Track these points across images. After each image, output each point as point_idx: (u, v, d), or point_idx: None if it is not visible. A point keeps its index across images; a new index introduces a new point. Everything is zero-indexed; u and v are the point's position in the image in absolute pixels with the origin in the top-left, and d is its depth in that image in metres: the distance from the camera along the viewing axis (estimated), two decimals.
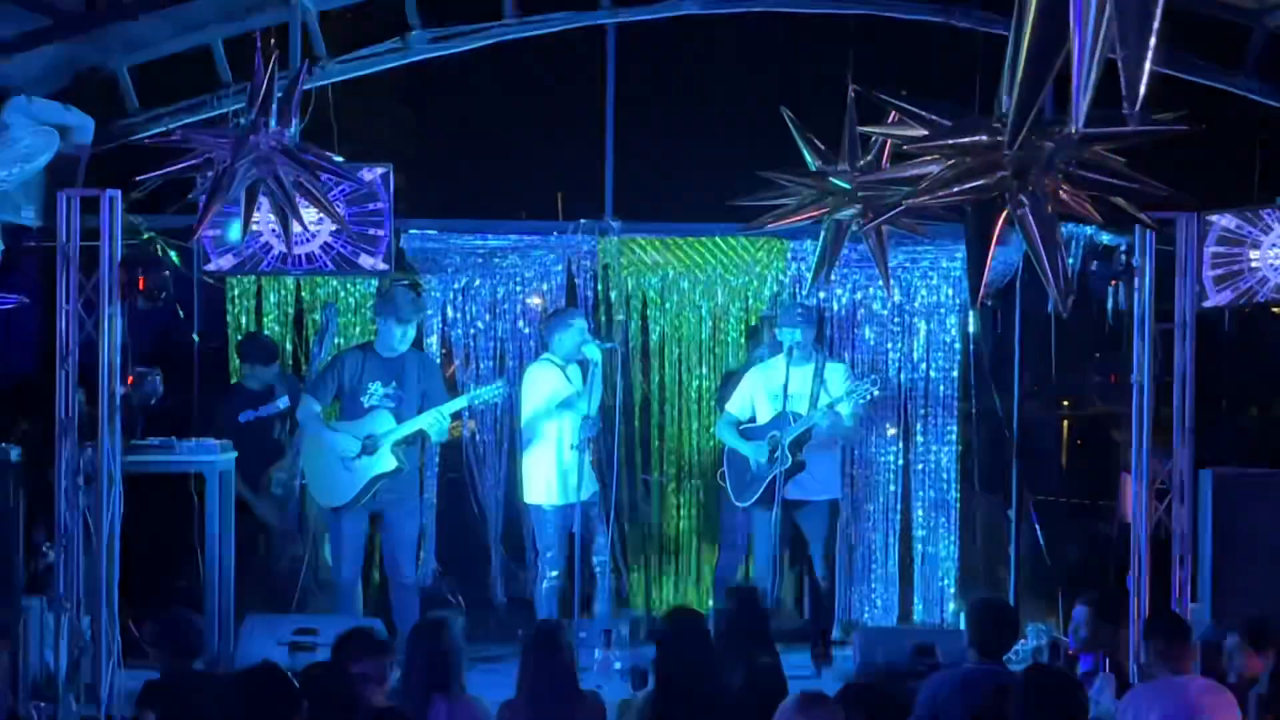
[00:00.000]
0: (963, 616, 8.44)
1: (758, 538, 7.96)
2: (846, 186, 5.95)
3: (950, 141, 4.52)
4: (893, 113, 5.12)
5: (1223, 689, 5.26)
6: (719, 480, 8.12)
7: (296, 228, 5.81)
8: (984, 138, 4.40)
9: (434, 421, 7.57)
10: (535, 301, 8.82)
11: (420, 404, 7.60)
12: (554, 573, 7.72)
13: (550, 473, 7.72)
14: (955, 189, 4.50)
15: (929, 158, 4.68)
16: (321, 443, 7.58)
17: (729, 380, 8.42)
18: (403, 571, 7.65)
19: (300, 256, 7.25)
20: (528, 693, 5.06)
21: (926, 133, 4.62)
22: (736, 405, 7.95)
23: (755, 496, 7.71)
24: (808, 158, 6.14)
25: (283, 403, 8.23)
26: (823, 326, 8.45)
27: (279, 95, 5.57)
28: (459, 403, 7.83)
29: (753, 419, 7.86)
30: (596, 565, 7.82)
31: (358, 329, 8.80)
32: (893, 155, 5.63)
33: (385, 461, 7.50)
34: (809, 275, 8.58)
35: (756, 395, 7.87)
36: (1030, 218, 4.40)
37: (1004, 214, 4.43)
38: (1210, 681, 5.31)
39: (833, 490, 7.87)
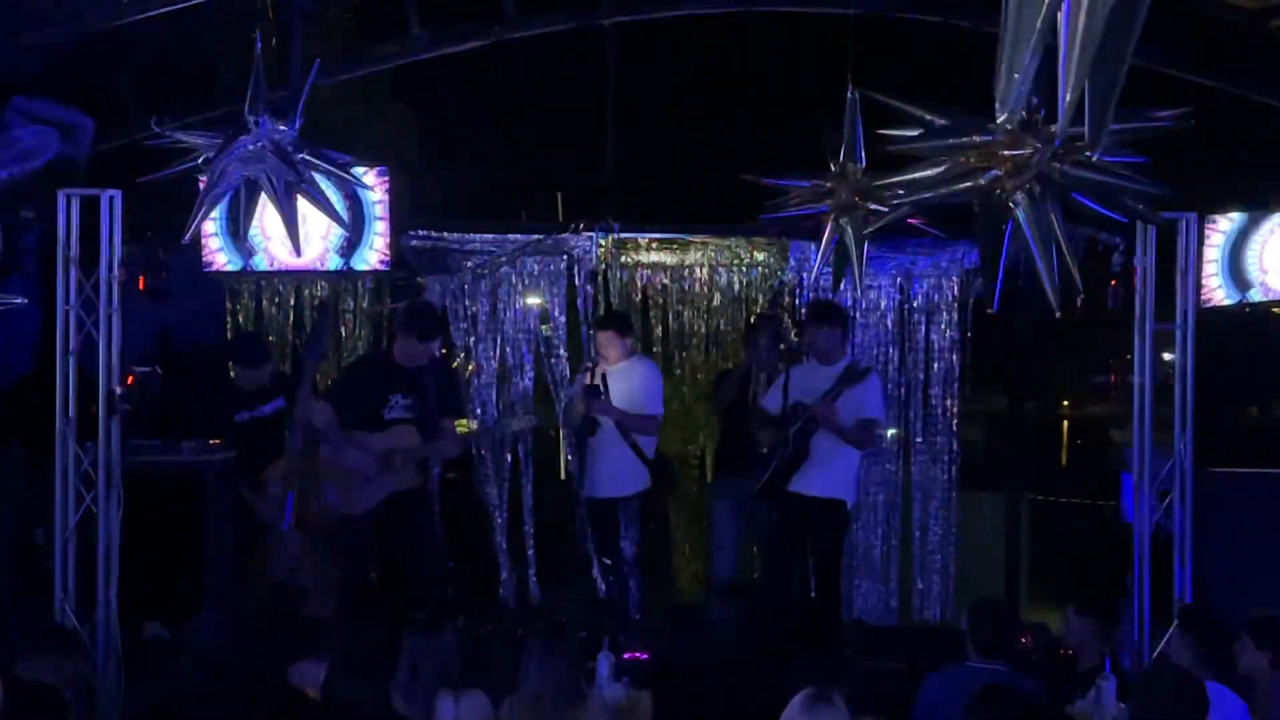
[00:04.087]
0: (963, 616, 8.45)
1: (758, 532, 7.95)
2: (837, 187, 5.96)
3: (946, 142, 4.51)
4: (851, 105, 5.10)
5: (1228, 690, 5.25)
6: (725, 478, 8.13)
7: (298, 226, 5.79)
8: (980, 137, 4.39)
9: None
10: (535, 302, 8.83)
11: (440, 417, 7.55)
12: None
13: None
14: (950, 189, 4.49)
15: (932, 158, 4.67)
16: (341, 454, 7.51)
17: (724, 379, 8.40)
18: (430, 566, 7.61)
19: (300, 256, 7.25)
20: (530, 691, 5.06)
21: (922, 131, 4.62)
22: (771, 401, 7.79)
23: (759, 485, 7.68)
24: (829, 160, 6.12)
25: (279, 403, 8.21)
26: (847, 327, 8.35)
27: (281, 94, 5.56)
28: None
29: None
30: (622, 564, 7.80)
31: (361, 330, 8.81)
32: (883, 156, 5.63)
33: (407, 477, 7.47)
34: (809, 276, 8.63)
35: (793, 393, 7.75)
36: (1026, 217, 4.39)
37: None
38: (1217, 685, 5.30)
39: (840, 492, 7.66)
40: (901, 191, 4.74)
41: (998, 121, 4.14)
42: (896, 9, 8.01)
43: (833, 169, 6.00)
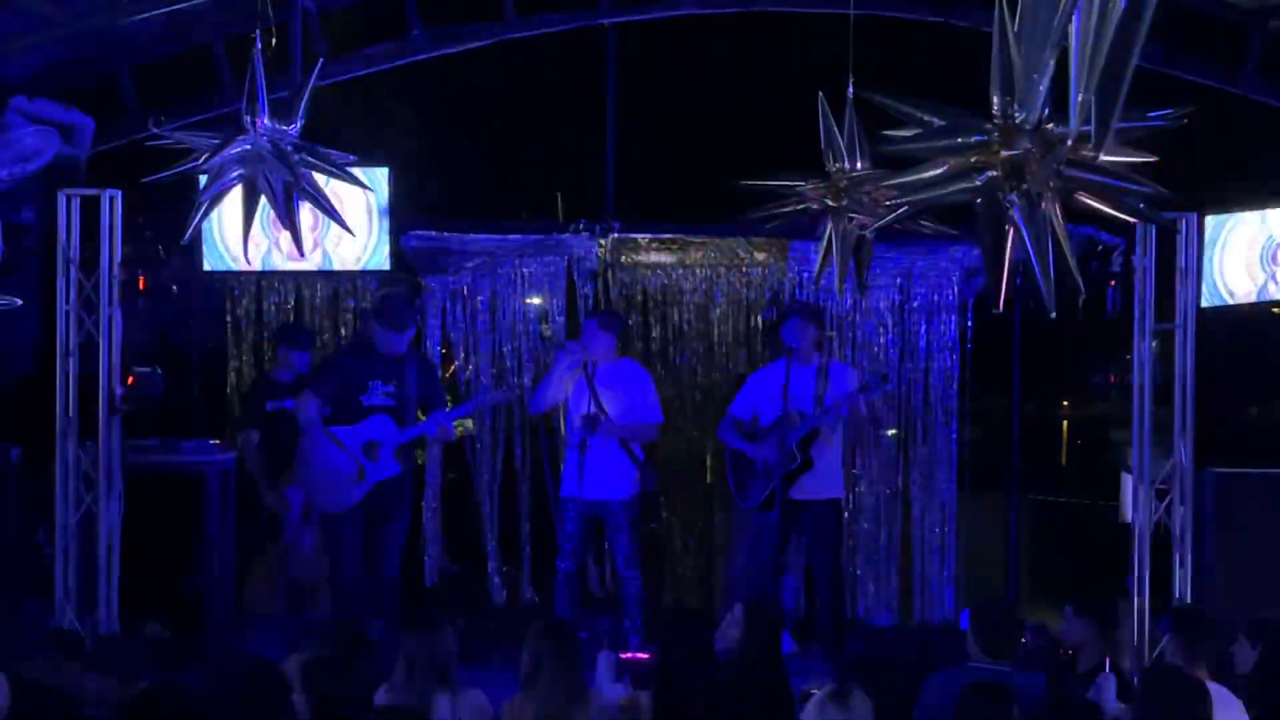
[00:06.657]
0: (964, 616, 8.44)
1: (763, 540, 7.96)
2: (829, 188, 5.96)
3: (943, 142, 4.50)
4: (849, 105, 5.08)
5: (1228, 691, 5.25)
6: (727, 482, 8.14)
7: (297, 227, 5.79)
8: (976, 138, 4.38)
9: (439, 429, 7.59)
10: (535, 302, 8.83)
11: (419, 406, 7.56)
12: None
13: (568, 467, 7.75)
14: (946, 190, 4.48)
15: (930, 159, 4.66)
16: (324, 451, 7.51)
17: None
18: (388, 567, 7.59)
19: (299, 256, 7.25)
20: (532, 690, 5.05)
21: (920, 132, 4.60)
22: (740, 407, 7.93)
23: (761, 498, 7.71)
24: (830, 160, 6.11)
25: None
26: (823, 326, 8.44)
27: (282, 94, 5.55)
28: (464, 409, 7.89)
29: (754, 420, 7.86)
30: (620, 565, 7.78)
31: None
32: (879, 157, 5.64)
33: (387, 467, 7.46)
34: (812, 276, 8.63)
35: (759, 397, 7.85)
36: (1024, 218, 4.38)
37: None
38: (1215, 685, 5.30)
39: (835, 490, 7.84)
40: (898, 192, 4.73)
41: (1018, 122, 4.14)
42: (896, 9, 8.02)
43: (832, 169, 6.00)
